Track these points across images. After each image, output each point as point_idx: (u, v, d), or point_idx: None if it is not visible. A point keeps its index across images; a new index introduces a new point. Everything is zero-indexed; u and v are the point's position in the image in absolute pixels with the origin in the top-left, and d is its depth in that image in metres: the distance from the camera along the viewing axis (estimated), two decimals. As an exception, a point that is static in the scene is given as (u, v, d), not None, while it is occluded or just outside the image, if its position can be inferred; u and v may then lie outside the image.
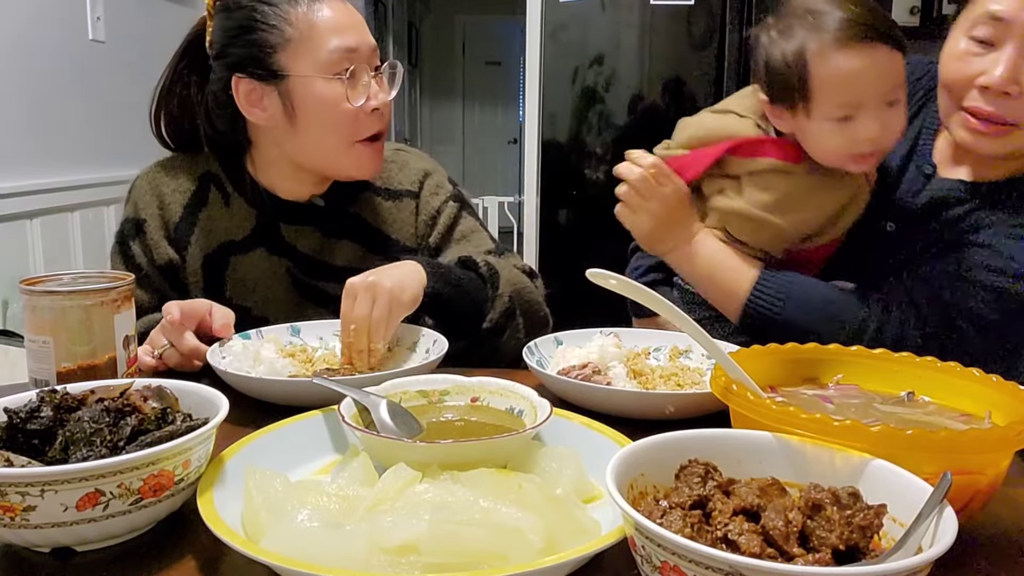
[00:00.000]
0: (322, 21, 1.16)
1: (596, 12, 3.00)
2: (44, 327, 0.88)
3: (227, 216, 1.28)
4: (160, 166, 1.31)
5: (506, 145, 9.12)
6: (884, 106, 1.10)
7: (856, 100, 1.09)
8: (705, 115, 1.26)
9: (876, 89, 1.08)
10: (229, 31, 1.18)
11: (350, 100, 1.16)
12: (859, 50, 1.07)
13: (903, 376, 0.80)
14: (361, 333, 1.02)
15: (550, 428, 0.77)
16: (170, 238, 1.27)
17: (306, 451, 0.80)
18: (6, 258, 2.29)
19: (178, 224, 1.27)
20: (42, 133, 2.46)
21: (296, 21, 1.16)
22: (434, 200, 1.35)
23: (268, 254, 1.28)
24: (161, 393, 0.75)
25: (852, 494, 0.56)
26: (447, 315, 1.17)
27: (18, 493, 0.59)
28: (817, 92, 1.09)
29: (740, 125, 1.20)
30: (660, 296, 0.77)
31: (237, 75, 1.18)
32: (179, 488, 0.66)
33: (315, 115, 1.18)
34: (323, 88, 1.16)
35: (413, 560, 0.56)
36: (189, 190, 1.29)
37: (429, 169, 1.38)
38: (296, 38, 1.16)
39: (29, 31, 2.38)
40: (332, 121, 1.18)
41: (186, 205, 1.28)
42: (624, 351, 1.08)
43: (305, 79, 1.16)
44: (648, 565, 0.53)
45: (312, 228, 1.30)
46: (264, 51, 1.16)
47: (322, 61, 1.15)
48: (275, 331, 1.13)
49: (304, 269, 1.30)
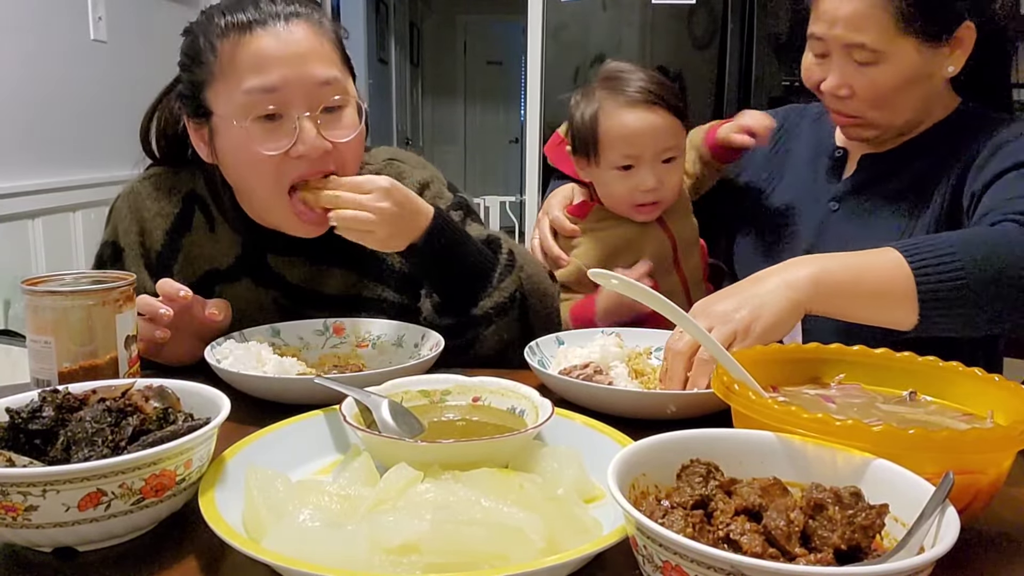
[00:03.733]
0: (244, 56, 1.04)
1: (597, 12, 3.00)
2: (46, 327, 0.88)
3: (212, 242, 1.22)
4: (143, 184, 1.23)
5: (507, 144, 9.13)
6: (659, 162, 1.31)
7: (635, 153, 1.30)
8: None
9: (653, 145, 1.30)
10: (181, 59, 1.13)
11: (260, 147, 1.04)
12: (641, 111, 1.30)
13: (905, 376, 0.80)
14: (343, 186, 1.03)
15: (552, 428, 0.77)
16: (150, 266, 1.20)
17: (307, 451, 0.80)
18: (8, 258, 2.29)
19: (160, 252, 1.21)
20: (44, 133, 2.46)
21: (221, 55, 1.06)
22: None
23: (254, 285, 1.22)
24: (163, 393, 0.75)
25: (854, 494, 0.56)
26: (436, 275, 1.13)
27: (20, 493, 0.59)
28: (605, 144, 1.32)
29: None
30: (660, 296, 0.78)
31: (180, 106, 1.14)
32: (180, 488, 0.66)
33: (231, 157, 1.10)
34: (236, 132, 1.05)
35: (414, 560, 0.56)
36: (172, 213, 1.21)
37: (427, 179, 1.28)
38: (218, 74, 1.06)
39: (31, 31, 2.38)
40: (250, 168, 1.08)
41: (168, 231, 1.21)
42: (626, 351, 1.08)
43: (223, 120, 1.07)
44: (650, 565, 0.53)
45: (301, 258, 1.22)
46: (195, 87, 1.10)
47: (236, 103, 1.05)
48: (259, 332, 1.12)
49: (293, 299, 1.23)
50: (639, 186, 1.31)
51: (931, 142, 1.27)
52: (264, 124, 1.05)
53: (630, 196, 1.33)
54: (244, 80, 1.04)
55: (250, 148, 1.05)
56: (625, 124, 1.30)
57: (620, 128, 1.30)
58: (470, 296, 1.13)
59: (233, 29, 1.05)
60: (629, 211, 1.36)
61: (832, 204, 1.32)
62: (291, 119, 1.05)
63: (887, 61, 1.15)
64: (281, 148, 1.05)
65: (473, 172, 9.26)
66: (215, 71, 1.06)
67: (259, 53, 1.04)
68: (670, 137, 1.31)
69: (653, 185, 1.31)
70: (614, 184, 1.34)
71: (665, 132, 1.30)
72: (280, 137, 1.05)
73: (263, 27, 1.05)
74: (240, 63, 1.05)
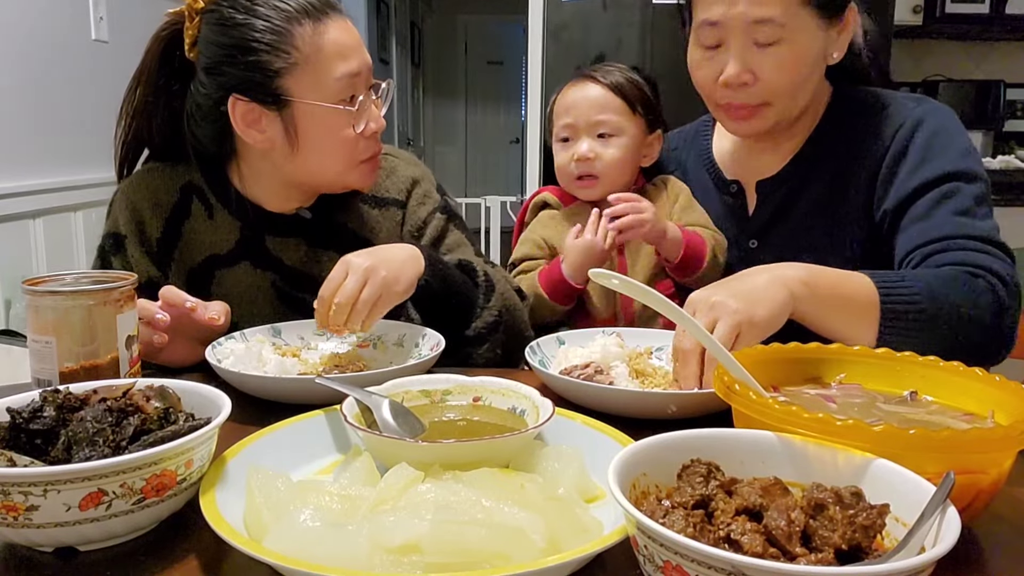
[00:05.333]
0: (328, 45, 1.11)
1: (598, 12, 3.00)
2: (47, 327, 0.89)
3: (211, 229, 1.25)
4: (140, 177, 1.26)
5: (508, 145, 9.13)
6: (595, 135, 1.38)
7: (571, 122, 1.39)
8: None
9: (586, 115, 1.38)
10: (224, 47, 1.11)
11: (354, 127, 1.14)
12: (580, 84, 1.40)
13: (906, 375, 0.80)
14: (342, 312, 1.00)
15: (552, 428, 0.77)
16: (152, 254, 1.23)
17: (308, 451, 0.80)
18: (9, 258, 2.29)
19: (160, 239, 1.23)
20: (45, 133, 2.46)
21: (302, 45, 1.10)
22: (421, 211, 1.32)
23: (252, 268, 1.25)
24: (163, 393, 0.75)
25: (855, 494, 0.55)
26: (431, 310, 1.16)
27: (21, 493, 0.59)
28: (555, 116, 1.43)
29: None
30: (661, 295, 0.78)
31: (235, 96, 1.11)
32: (181, 488, 0.66)
33: (317, 142, 1.15)
34: (327, 116, 1.13)
35: (415, 560, 0.56)
36: (170, 203, 1.24)
37: (417, 176, 1.35)
38: (302, 63, 1.10)
39: (32, 31, 2.38)
40: (334, 147, 1.15)
41: (167, 219, 1.24)
42: (626, 351, 1.08)
43: (310, 106, 1.12)
44: (650, 565, 0.53)
45: (298, 240, 1.26)
46: (266, 74, 1.10)
47: (329, 89, 1.12)
48: (259, 332, 1.13)
49: (289, 282, 1.26)
50: (574, 154, 1.38)
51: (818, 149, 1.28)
52: (348, 106, 1.14)
53: (568, 167, 1.40)
54: (335, 67, 1.12)
55: (341, 129, 1.14)
56: (566, 96, 1.42)
57: (562, 100, 1.42)
58: (460, 320, 1.17)
59: (307, 18, 1.11)
60: (572, 186, 1.43)
61: (752, 242, 1.34)
62: (357, 101, 1.14)
63: (790, 39, 1.14)
64: (361, 127, 1.15)
65: (474, 172, 9.26)
66: (297, 60, 1.10)
67: (339, 42, 1.12)
68: (605, 111, 1.37)
69: (584, 152, 1.37)
70: (558, 156, 1.43)
71: (599, 105, 1.38)
72: (360, 118, 1.15)
73: (327, 16, 1.12)
74: (326, 51, 1.11)
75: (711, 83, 1.21)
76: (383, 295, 1.01)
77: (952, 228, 1.11)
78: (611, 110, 1.37)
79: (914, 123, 1.20)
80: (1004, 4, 3.11)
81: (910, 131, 1.20)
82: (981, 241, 1.10)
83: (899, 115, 1.22)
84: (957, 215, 1.13)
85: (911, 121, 1.20)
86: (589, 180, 1.40)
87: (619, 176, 1.40)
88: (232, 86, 1.12)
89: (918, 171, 1.17)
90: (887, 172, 1.20)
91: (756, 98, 1.19)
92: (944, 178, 1.15)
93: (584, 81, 1.40)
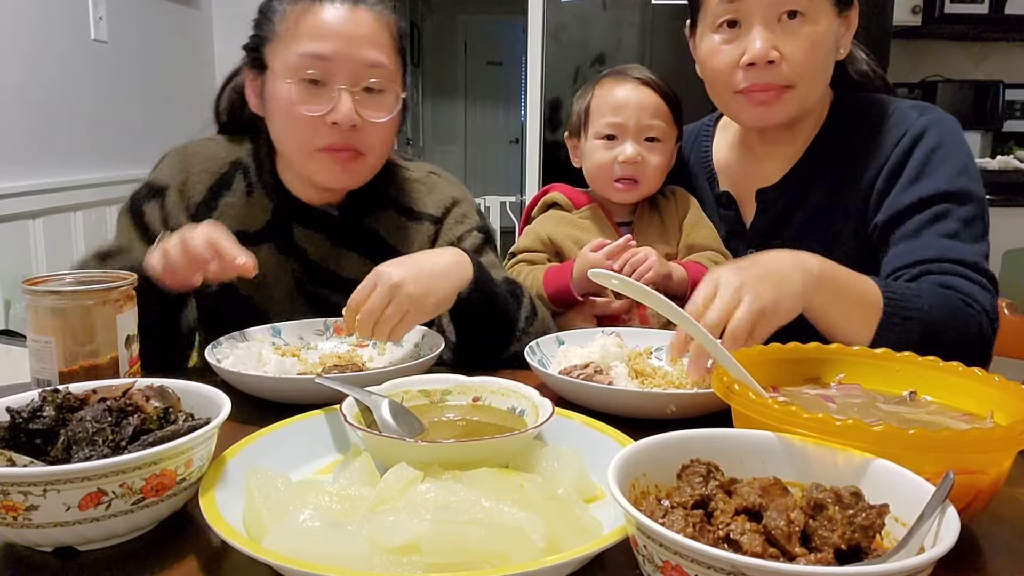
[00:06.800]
0: (306, 23, 1.15)
1: (598, 12, 3.00)
2: (46, 327, 0.89)
3: (246, 206, 1.28)
4: (197, 143, 1.32)
5: (508, 145, 9.12)
6: (643, 138, 1.36)
7: (620, 121, 1.35)
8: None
9: (637, 117, 1.35)
10: (256, 16, 1.23)
11: (301, 107, 1.14)
12: (631, 85, 1.37)
13: (905, 376, 0.80)
14: (365, 325, 1.00)
15: (552, 428, 0.77)
16: (187, 210, 1.26)
17: (308, 451, 0.80)
18: (8, 258, 2.29)
19: (199, 203, 1.27)
20: (44, 133, 2.46)
21: (287, 17, 1.16)
22: (458, 228, 1.32)
23: (276, 252, 1.27)
24: (163, 393, 0.75)
25: (854, 494, 0.56)
26: (467, 324, 1.15)
27: (20, 493, 0.59)
28: (594, 113, 1.38)
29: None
30: (661, 296, 0.78)
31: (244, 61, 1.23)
32: (181, 488, 0.66)
33: (275, 113, 1.19)
34: (283, 89, 1.15)
35: (415, 560, 0.56)
36: (217, 172, 1.28)
37: (458, 197, 1.36)
38: (279, 35, 1.17)
39: (31, 31, 2.38)
40: (284, 124, 1.18)
41: (210, 187, 1.28)
42: (626, 351, 1.08)
43: (275, 75, 1.17)
44: (650, 565, 0.53)
45: (322, 235, 1.29)
46: (260, 41, 1.20)
47: (289, 63, 1.15)
48: (259, 332, 1.13)
49: (309, 274, 1.29)
50: (619, 156, 1.35)
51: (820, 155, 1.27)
52: (308, 87, 1.14)
53: (610, 168, 1.37)
54: (301, 44, 1.14)
55: (292, 106, 1.15)
56: (614, 94, 1.37)
57: (609, 97, 1.37)
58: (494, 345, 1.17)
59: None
60: (608, 187, 1.39)
61: (750, 251, 1.32)
62: (332, 89, 1.14)
63: (813, 20, 1.15)
64: (318, 112, 1.14)
65: (473, 172, 9.24)
66: (279, 30, 1.17)
67: (320, 24, 1.14)
68: (656, 116, 1.36)
69: (632, 155, 1.35)
70: (597, 153, 1.38)
71: (651, 109, 1.36)
72: (320, 102, 1.14)
73: (332, 3, 1.15)
74: (302, 28, 1.15)
75: (731, 68, 1.19)
76: (410, 310, 1.00)
77: (937, 251, 1.12)
78: (661, 116, 1.36)
79: (914, 136, 1.19)
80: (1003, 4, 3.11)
81: (909, 144, 1.19)
82: (964, 266, 1.10)
83: (901, 125, 1.21)
84: (944, 237, 1.13)
85: (912, 133, 1.19)
86: (630, 184, 1.37)
87: (656, 183, 1.39)
88: (246, 49, 1.23)
89: (912, 188, 1.16)
90: (883, 185, 1.20)
91: (782, 78, 1.17)
92: (937, 198, 1.14)
93: (634, 82, 1.37)
